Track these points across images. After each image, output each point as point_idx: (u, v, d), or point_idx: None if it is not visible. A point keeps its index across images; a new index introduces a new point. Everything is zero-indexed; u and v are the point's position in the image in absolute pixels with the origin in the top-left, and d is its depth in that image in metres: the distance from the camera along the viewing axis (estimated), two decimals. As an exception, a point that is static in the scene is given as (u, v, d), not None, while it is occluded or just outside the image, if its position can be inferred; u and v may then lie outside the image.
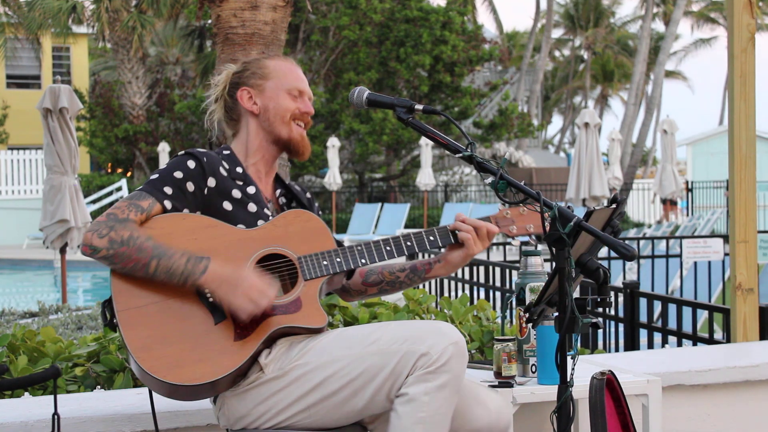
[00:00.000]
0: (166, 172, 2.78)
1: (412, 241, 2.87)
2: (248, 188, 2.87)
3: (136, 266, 2.63)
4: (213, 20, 6.23)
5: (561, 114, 53.99)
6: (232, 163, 2.89)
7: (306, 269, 2.77)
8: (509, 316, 3.34)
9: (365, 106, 2.83)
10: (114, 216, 2.67)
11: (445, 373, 2.55)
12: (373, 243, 2.84)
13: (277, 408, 2.68)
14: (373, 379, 2.60)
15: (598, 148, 14.94)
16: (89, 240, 2.64)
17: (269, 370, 2.68)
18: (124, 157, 28.72)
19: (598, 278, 2.40)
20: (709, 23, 47.47)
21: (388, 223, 21.20)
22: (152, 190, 2.74)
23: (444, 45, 25.12)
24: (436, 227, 2.91)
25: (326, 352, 2.66)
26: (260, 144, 2.94)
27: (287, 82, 2.94)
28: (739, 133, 4.30)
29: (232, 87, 2.98)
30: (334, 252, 2.80)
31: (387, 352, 2.59)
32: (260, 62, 2.99)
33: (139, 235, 2.64)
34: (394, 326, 2.66)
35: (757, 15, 4.33)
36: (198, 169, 2.78)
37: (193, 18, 24.90)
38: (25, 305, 10.34)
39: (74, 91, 11.29)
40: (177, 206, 2.75)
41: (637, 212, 27.63)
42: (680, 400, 3.67)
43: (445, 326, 2.62)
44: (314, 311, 2.74)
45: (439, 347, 2.55)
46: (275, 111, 2.92)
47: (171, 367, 2.61)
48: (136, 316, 2.64)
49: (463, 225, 2.90)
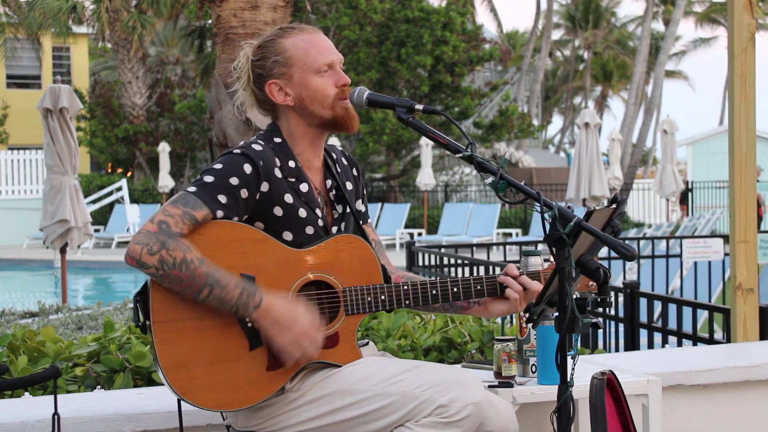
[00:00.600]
0: (222, 176, 2.64)
1: (459, 288, 2.80)
2: (301, 185, 2.76)
3: (186, 290, 2.55)
4: (213, 20, 6.24)
5: (561, 114, 53.98)
6: (284, 155, 2.76)
7: (349, 304, 2.71)
8: (509, 316, 3.34)
9: (365, 106, 2.80)
10: (166, 228, 2.55)
11: (456, 428, 2.54)
12: (420, 284, 2.77)
13: (287, 423, 2.68)
14: (387, 416, 2.59)
15: (598, 148, 14.95)
16: (138, 254, 2.52)
17: (289, 392, 2.68)
18: (124, 157, 28.72)
19: (599, 278, 2.40)
20: (710, 23, 47.46)
21: (388, 223, 21.21)
22: (208, 199, 2.60)
23: (445, 45, 25.13)
24: (485, 277, 2.83)
25: (348, 381, 2.64)
26: (305, 131, 2.80)
27: (312, 61, 2.76)
28: (739, 133, 4.30)
29: (258, 79, 2.80)
30: (380, 289, 2.74)
31: (408, 396, 2.57)
32: (277, 46, 2.78)
33: (193, 259, 2.53)
34: (422, 371, 2.62)
35: (757, 15, 4.32)
36: (254, 175, 2.66)
37: (193, 18, 24.89)
38: (25, 305, 10.34)
39: (74, 91, 11.29)
40: (228, 215, 2.64)
41: (637, 212, 27.62)
42: (680, 400, 3.67)
43: (471, 381, 2.59)
44: (350, 350, 2.71)
45: (459, 403, 2.54)
46: (311, 98, 2.76)
47: (200, 390, 2.59)
48: (172, 330, 2.59)
49: (513, 283, 2.81)
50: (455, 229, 20.53)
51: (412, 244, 8.36)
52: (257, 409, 2.69)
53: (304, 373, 2.69)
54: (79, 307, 9.38)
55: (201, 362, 2.59)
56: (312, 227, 2.74)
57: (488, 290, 2.82)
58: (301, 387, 2.67)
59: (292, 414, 2.67)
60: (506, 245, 8.81)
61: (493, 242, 11.51)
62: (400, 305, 2.76)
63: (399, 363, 2.68)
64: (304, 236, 2.73)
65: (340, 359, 2.70)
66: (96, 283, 17.40)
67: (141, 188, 26.25)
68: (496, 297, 2.86)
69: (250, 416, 2.71)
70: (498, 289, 2.83)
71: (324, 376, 2.67)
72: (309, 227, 2.74)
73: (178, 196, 2.63)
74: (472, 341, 4.09)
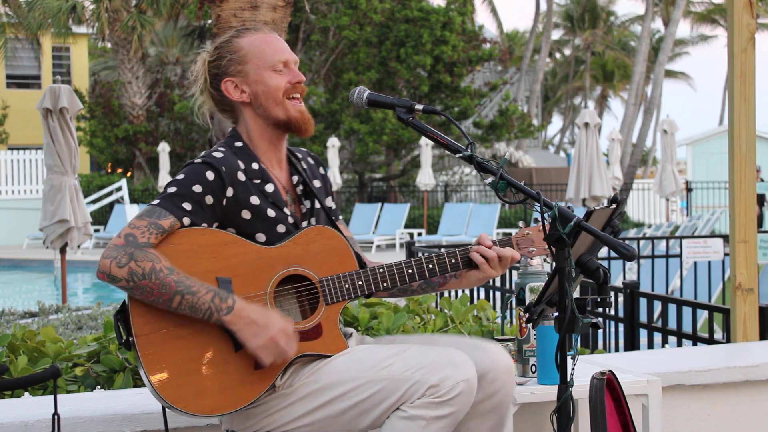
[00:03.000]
0: (184, 185, 2.66)
1: (434, 263, 2.81)
2: (266, 186, 2.78)
3: (158, 300, 2.56)
4: (213, 20, 6.23)
5: (561, 114, 53.99)
6: (247, 158, 2.78)
7: (328, 293, 2.72)
8: (509, 316, 3.35)
9: (365, 106, 2.81)
10: (134, 240, 2.57)
11: (450, 407, 2.55)
12: (395, 265, 2.79)
13: (282, 421, 2.69)
14: (381, 402, 2.59)
15: (598, 148, 14.94)
16: (107, 268, 2.55)
17: (280, 388, 2.68)
18: (124, 157, 28.72)
19: (598, 278, 2.41)
20: (709, 23, 47.45)
21: (388, 223, 21.20)
22: (171, 207, 2.62)
23: (444, 45, 25.12)
24: (458, 249, 2.85)
25: (338, 372, 2.65)
26: (262, 130, 2.83)
27: (267, 58, 2.80)
28: (739, 133, 4.30)
29: (214, 79, 2.83)
30: (356, 274, 2.75)
31: (398, 379, 2.58)
32: (233, 45, 2.82)
33: (162, 268, 2.55)
34: (409, 353, 2.63)
35: (758, 12, 4.32)
36: (217, 181, 2.68)
37: (193, 18, 24.90)
38: (25, 305, 10.33)
39: (74, 91, 11.28)
40: (196, 222, 2.65)
41: (637, 212, 27.62)
42: (680, 400, 3.67)
43: (459, 359, 2.59)
44: (334, 338, 2.72)
45: (450, 381, 2.55)
46: (266, 94, 2.79)
47: (191, 397, 2.59)
48: (156, 342, 2.59)
49: (486, 251, 2.82)
50: (455, 229, 20.52)
51: (412, 244, 8.36)
52: (252, 410, 2.69)
53: (294, 369, 2.69)
54: (79, 307, 9.38)
55: (188, 370, 2.59)
56: (283, 225, 2.76)
57: (463, 263, 2.84)
58: (293, 383, 2.67)
59: (286, 411, 2.67)
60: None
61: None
62: (378, 288, 2.77)
63: (386, 348, 2.69)
64: (276, 235, 2.75)
65: (326, 349, 2.70)
66: (96, 283, 17.38)
67: (141, 188, 26.25)
68: (471, 267, 2.88)
69: (245, 418, 2.71)
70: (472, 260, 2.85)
71: (313, 370, 2.67)
72: (280, 226, 2.76)
73: (143, 209, 2.66)
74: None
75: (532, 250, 2.90)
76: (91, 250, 20.43)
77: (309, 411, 2.65)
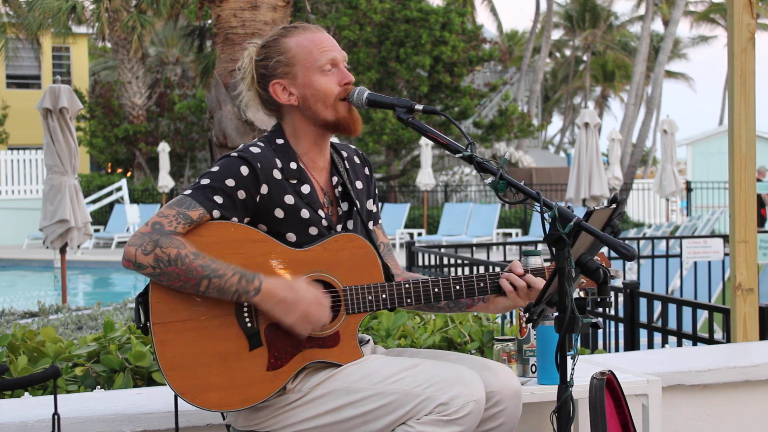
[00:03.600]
0: (218, 178, 2.65)
1: (462, 286, 2.77)
2: (303, 187, 2.75)
3: (185, 285, 2.56)
4: (213, 20, 6.24)
5: (561, 114, 53.98)
6: (286, 157, 2.76)
7: (350, 303, 2.70)
8: (509, 316, 3.35)
9: (365, 106, 2.80)
10: (160, 227, 2.56)
11: (457, 426, 2.54)
12: (422, 283, 2.75)
13: (286, 422, 2.69)
14: (388, 414, 2.59)
15: (598, 148, 14.95)
16: (133, 256, 2.54)
17: (290, 392, 2.68)
18: (124, 157, 28.72)
19: (598, 278, 2.40)
20: (709, 23, 47.45)
21: (388, 223, 21.20)
22: (202, 199, 2.61)
23: (444, 46, 25.12)
24: (488, 274, 2.80)
25: (349, 381, 2.64)
26: (308, 130, 2.80)
27: (315, 60, 2.76)
28: (739, 133, 4.30)
29: (261, 79, 2.80)
30: (381, 287, 2.72)
31: (408, 394, 2.57)
32: (280, 45, 2.78)
33: (187, 254, 2.54)
34: (421, 369, 2.62)
35: (759, 11, 4.32)
36: (251, 177, 2.66)
37: (193, 18, 24.88)
38: (25, 305, 10.34)
39: (74, 91, 11.29)
40: (226, 215, 2.64)
41: (637, 212, 27.63)
42: (680, 400, 3.67)
43: (470, 378, 2.58)
44: (351, 349, 2.71)
45: (460, 401, 2.53)
46: (315, 97, 2.76)
47: (199, 390, 2.60)
48: (172, 331, 2.60)
49: (516, 280, 2.77)
50: (455, 229, 20.53)
51: (412, 244, 8.36)
52: (257, 409, 2.69)
53: (305, 374, 2.69)
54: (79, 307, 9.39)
55: (200, 362, 2.60)
56: (315, 228, 2.74)
57: (491, 288, 2.79)
58: (302, 387, 2.67)
59: (292, 413, 2.67)
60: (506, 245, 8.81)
61: (493, 242, 11.50)
62: (402, 304, 2.75)
63: (399, 361, 2.68)
64: (307, 237, 2.72)
65: (341, 358, 2.70)
66: (96, 283, 17.40)
67: (141, 188, 26.25)
68: (499, 293, 2.83)
69: (250, 416, 2.71)
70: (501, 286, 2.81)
71: (325, 377, 2.67)
72: (312, 228, 2.73)
73: (174, 199, 2.64)
74: (471, 341, 4.09)
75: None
76: (91, 250, 20.44)
77: (315, 415, 2.65)
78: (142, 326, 2.63)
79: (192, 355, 2.59)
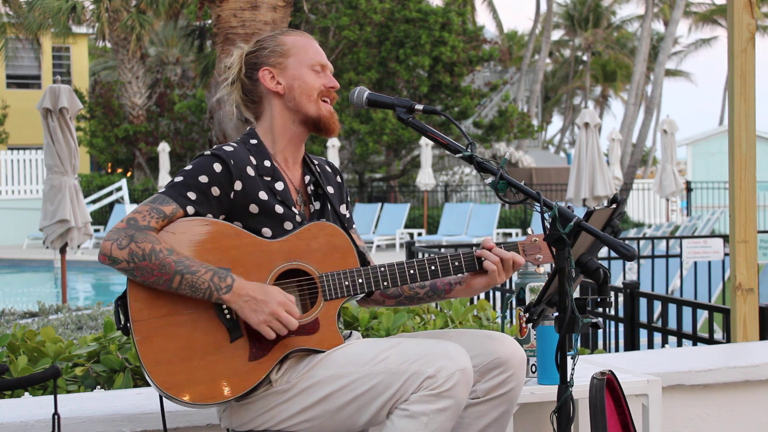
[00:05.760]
0: (191, 175, 2.70)
1: (437, 265, 2.80)
2: (276, 184, 2.79)
3: (158, 281, 2.58)
4: (213, 20, 6.24)
5: (561, 114, 53.98)
6: (260, 155, 2.81)
7: (327, 289, 2.72)
8: (509, 316, 3.35)
9: (365, 106, 2.82)
10: (134, 222, 2.60)
11: (448, 398, 2.54)
12: (396, 265, 2.78)
13: (281, 417, 2.68)
14: (378, 396, 2.59)
15: (599, 148, 14.96)
16: (108, 250, 2.58)
17: (277, 384, 2.68)
18: (124, 157, 28.72)
19: (598, 278, 2.41)
20: (709, 23, 47.45)
21: (388, 223, 21.20)
22: (176, 195, 2.66)
23: (443, 46, 25.12)
24: (462, 252, 2.83)
25: (334, 367, 2.65)
26: (287, 126, 2.85)
27: (309, 57, 2.85)
28: (739, 133, 4.30)
29: (250, 68, 2.86)
30: (356, 272, 2.74)
31: (395, 372, 2.57)
32: (277, 39, 2.88)
33: (161, 249, 2.58)
34: (404, 346, 2.63)
35: (757, 16, 4.32)
36: (224, 173, 2.71)
37: (193, 18, 24.88)
38: (25, 305, 10.33)
39: (74, 91, 11.29)
40: (200, 212, 2.68)
41: (637, 212, 27.63)
42: (680, 400, 3.67)
43: (453, 350, 2.59)
44: (331, 334, 2.71)
45: (446, 372, 2.54)
46: (301, 89, 2.83)
47: (183, 384, 2.60)
48: (152, 327, 2.61)
49: (489, 255, 2.82)
50: (455, 229, 20.53)
51: (412, 244, 8.36)
52: (249, 406, 2.69)
53: (289, 363, 2.70)
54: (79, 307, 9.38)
55: (183, 357, 2.61)
56: (290, 222, 2.77)
57: (466, 266, 2.83)
58: (290, 379, 2.67)
59: (284, 407, 2.67)
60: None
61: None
62: (378, 287, 2.76)
63: (381, 342, 2.69)
64: (282, 232, 2.76)
65: (322, 345, 2.70)
66: (96, 283, 17.39)
67: (141, 188, 26.25)
68: (475, 273, 2.86)
69: (243, 414, 2.71)
70: (476, 263, 2.84)
71: (310, 365, 2.67)
72: (287, 223, 2.77)
73: (150, 197, 2.69)
74: (472, 341, 4.08)
75: (539, 257, 2.87)
76: (91, 250, 20.43)
77: (307, 406, 2.65)
78: (122, 327, 2.66)
79: (173, 350, 2.61)
